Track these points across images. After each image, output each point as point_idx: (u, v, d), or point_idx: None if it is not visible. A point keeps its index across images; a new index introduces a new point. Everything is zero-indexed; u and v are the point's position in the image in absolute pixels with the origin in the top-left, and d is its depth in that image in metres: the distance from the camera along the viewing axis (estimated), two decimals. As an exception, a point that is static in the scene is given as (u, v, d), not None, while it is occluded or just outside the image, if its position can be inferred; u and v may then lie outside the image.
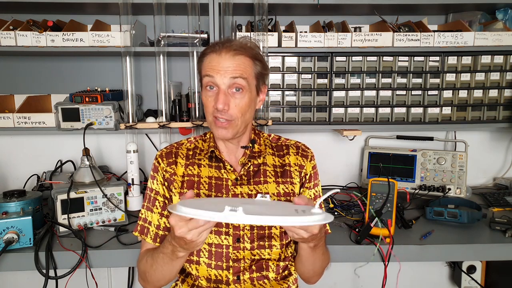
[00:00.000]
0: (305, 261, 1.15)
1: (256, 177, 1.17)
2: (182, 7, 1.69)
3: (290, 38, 1.71)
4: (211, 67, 1.09)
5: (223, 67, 1.08)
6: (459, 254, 1.43)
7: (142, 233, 1.20)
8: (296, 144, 1.26)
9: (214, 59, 1.10)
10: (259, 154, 1.19)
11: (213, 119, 1.12)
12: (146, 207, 1.20)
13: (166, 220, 1.17)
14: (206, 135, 1.26)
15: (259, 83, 1.16)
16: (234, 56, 1.09)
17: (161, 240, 1.17)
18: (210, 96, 1.11)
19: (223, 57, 1.09)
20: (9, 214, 1.35)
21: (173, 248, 0.98)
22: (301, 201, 0.95)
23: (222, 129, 1.11)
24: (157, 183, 1.18)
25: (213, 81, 1.09)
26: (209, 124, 1.15)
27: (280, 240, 1.16)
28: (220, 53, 1.09)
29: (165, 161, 1.19)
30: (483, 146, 2.12)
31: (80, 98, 1.66)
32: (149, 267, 1.11)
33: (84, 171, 1.56)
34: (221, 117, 1.09)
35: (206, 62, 1.12)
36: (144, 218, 1.20)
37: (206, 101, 1.12)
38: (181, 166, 1.18)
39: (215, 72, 1.08)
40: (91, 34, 1.65)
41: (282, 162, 1.21)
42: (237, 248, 1.13)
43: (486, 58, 1.77)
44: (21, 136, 1.97)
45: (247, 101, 1.11)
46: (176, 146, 1.23)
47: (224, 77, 1.08)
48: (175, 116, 1.76)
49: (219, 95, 1.08)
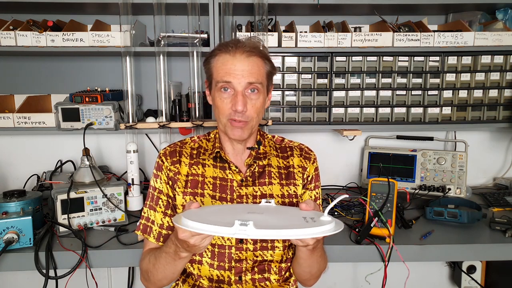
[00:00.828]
0: (302, 263, 1.14)
1: (261, 178, 1.17)
2: (182, 7, 1.69)
3: (290, 38, 1.71)
4: (227, 71, 1.07)
5: (240, 69, 1.07)
6: (459, 254, 1.43)
7: (144, 232, 1.19)
8: (300, 146, 1.26)
9: (228, 61, 1.08)
10: (264, 155, 1.19)
11: (228, 121, 1.10)
12: (149, 206, 1.20)
13: (170, 220, 1.17)
14: (210, 134, 1.26)
15: (269, 83, 1.16)
16: (248, 58, 1.08)
17: (164, 239, 1.17)
18: (226, 98, 1.09)
19: (238, 59, 1.07)
20: (9, 214, 1.35)
21: (176, 248, 0.98)
22: (308, 207, 0.94)
23: (239, 129, 1.10)
24: (161, 182, 1.18)
25: (229, 85, 1.08)
26: (223, 126, 1.13)
27: (283, 242, 1.16)
28: (234, 55, 1.08)
29: (169, 160, 1.18)
30: (483, 146, 2.12)
31: (80, 98, 1.66)
32: (151, 266, 1.10)
33: (84, 171, 1.56)
34: (238, 119, 1.09)
35: (219, 64, 1.10)
36: (147, 217, 1.20)
37: (220, 103, 1.10)
38: (185, 165, 1.17)
39: (232, 76, 1.07)
40: (91, 34, 1.65)
41: (286, 164, 1.21)
42: (239, 248, 1.13)
43: (486, 58, 1.77)
44: (21, 136, 1.97)
45: (262, 101, 1.12)
46: (180, 145, 1.22)
47: (242, 81, 1.07)
48: (175, 116, 1.76)
49: (237, 97, 1.07)
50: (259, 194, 1.15)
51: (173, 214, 1.17)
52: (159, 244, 1.17)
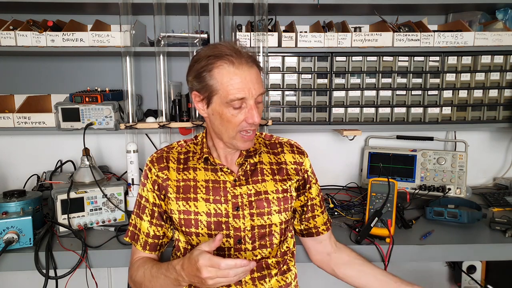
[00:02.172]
0: None
1: (254, 176, 1.17)
2: (182, 7, 1.69)
3: (290, 38, 1.71)
4: (238, 87, 1.02)
5: (250, 82, 1.03)
6: (459, 254, 1.43)
7: (132, 239, 1.20)
8: (289, 142, 1.26)
9: (236, 75, 1.02)
10: (254, 152, 1.19)
11: (238, 134, 1.08)
12: (136, 213, 1.20)
13: (156, 229, 1.17)
14: (197, 138, 1.23)
15: None
16: (251, 69, 1.05)
17: (150, 248, 1.17)
18: (237, 112, 1.05)
19: (243, 70, 1.03)
20: (9, 214, 1.35)
21: (178, 277, 0.99)
22: None
23: (250, 142, 1.11)
24: (147, 191, 1.17)
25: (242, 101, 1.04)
26: (230, 139, 1.09)
27: (280, 236, 1.17)
28: (239, 67, 1.02)
29: (156, 166, 1.16)
30: (483, 146, 2.12)
31: (80, 98, 1.66)
32: (147, 281, 1.10)
33: (84, 171, 1.56)
34: (251, 129, 1.08)
35: (225, 80, 1.02)
36: (134, 224, 1.20)
37: (231, 118, 1.05)
38: (173, 171, 1.16)
39: (244, 92, 1.02)
40: (91, 34, 1.65)
41: (278, 160, 1.21)
42: (238, 250, 1.13)
43: (486, 58, 1.77)
44: (21, 136, 1.97)
45: (262, 107, 1.13)
46: (167, 151, 1.20)
47: (254, 94, 1.04)
48: (175, 116, 1.76)
49: (252, 111, 1.04)
50: (254, 192, 1.15)
51: (159, 224, 1.17)
52: (145, 252, 1.17)
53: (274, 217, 1.14)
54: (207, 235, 1.12)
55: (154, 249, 1.18)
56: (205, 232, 1.11)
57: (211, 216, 1.11)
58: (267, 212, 1.14)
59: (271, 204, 1.14)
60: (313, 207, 1.24)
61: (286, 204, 1.17)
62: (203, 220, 1.11)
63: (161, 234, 1.18)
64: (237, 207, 1.12)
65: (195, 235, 1.12)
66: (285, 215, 1.16)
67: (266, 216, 1.14)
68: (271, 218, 1.14)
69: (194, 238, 1.13)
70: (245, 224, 1.12)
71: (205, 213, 1.12)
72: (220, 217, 1.12)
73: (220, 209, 1.12)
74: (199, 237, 1.12)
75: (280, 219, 1.15)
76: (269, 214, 1.14)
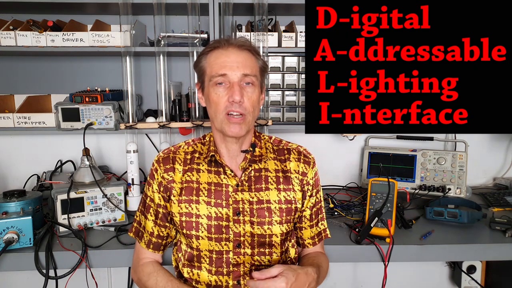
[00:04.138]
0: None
1: (257, 184, 1.15)
2: (182, 7, 1.69)
3: (290, 38, 1.71)
4: (221, 64, 1.08)
5: (234, 61, 1.07)
6: (459, 254, 1.43)
7: (136, 235, 1.21)
8: (298, 149, 1.22)
9: (222, 54, 1.09)
10: (260, 158, 1.17)
11: (225, 116, 1.08)
12: (141, 210, 1.21)
13: (160, 229, 1.17)
14: (205, 137, 1.22)
15: (262, 79, 1.16)
16: (241, 51, 1.09)
17: (154, 246, 1.18)
18: (222, 92, 1.08)
19: (231, 51, 1.09)
20: (9, 214, 1.35)
21: None
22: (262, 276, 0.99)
23: (236, 125, 1.08)
24: (152, 191, 1.17)
25: (225, 78, 1.07)
26: (220, 123, 1.10)
27: (281, 248, 1.16)
28: (227, 49, 1.09)
29: (162, 167, 1.16)
30: (483, 146, 2.12)
31: (80, 98, 1.66)
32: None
33: (84, 171, 1.56)
34: (236, 110, 1.07)
35: (212, 59, 1.10)
36: (139, 221, 1.21)
37: (216, 98, 1.08)
38: (178, 172, 1.15)
39: (226, 68, 1.07)
40: (91, 34, 1.65)
41: (284, 168, 1.18)
42: (237, 253, 1.12)
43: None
44: (21, 136, 1.97)
45: (257, 95, 1.12)
46: (174, 151, 1.19)
47: (237, 72, 1.07)
48: (175, 116, 1.76)
49: (233, 88, 1.06)
50: (256, 200, 1.13)
51: (163, 225, 1.17)
52: (149, 250, 1.19)
53: (275, 228, 1.13)
54: (207, 238, 1.11)
55: (157, 249, 1.19)
56: (205, 235, 1.11)
57: (211, 220, 1.11)
58: (268, 222, 1.13)
59: (272, 214, 1.13)
60: (300, 219, 1.22)
61: (289, 216, 1.15)
62: (204, 223, 1.11)
63: (165, 235, 1.18)
64: (238, 212, 1.12)
65: (195, 237, 1.12)
66: (287, 227, 1.15)
67: (267, 226, 1.12)
68: (271, 229, 1.13)
69: (194, 241, 1.12)
70: (245, 230, 1.12)
71: (206, 216, 1.11)
72: (221, 220, 1.11)
73: (221, 213, 1.12)
74: (199, 240, 1.12)
75: (281, 230, 1.14)
76: (270, 224, 1.13)
